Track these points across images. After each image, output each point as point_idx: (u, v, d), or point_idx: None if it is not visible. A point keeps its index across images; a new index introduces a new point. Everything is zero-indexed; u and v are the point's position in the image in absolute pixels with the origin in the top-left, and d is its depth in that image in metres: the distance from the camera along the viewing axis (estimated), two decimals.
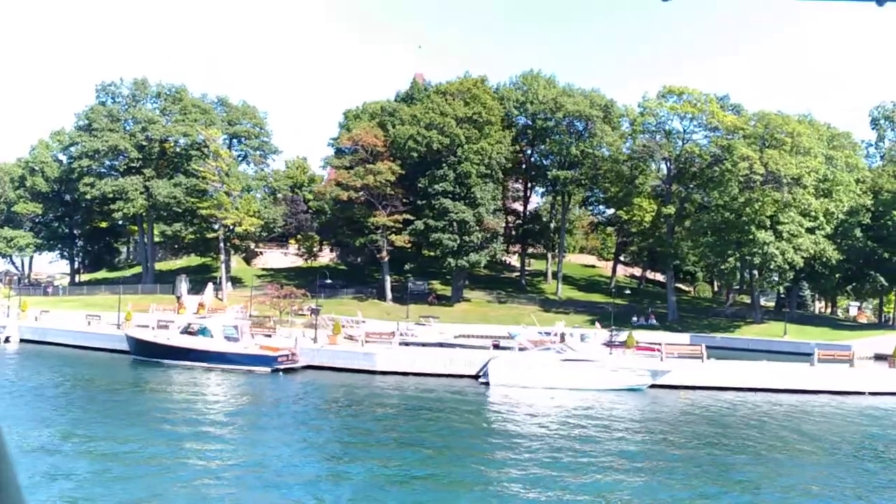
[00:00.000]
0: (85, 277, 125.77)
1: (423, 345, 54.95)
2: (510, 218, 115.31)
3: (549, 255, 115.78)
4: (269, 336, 53.25)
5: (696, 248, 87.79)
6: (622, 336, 71.18)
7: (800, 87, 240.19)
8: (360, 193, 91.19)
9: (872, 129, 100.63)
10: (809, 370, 45.47)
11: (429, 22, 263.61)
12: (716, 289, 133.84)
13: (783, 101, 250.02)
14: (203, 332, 46.21)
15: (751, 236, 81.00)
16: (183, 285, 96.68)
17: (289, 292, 72.80)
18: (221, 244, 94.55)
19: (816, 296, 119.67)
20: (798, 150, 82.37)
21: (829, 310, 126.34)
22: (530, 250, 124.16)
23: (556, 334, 62.15)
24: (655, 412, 36.85)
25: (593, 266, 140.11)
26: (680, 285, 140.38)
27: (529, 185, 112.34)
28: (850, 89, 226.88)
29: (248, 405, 36.20)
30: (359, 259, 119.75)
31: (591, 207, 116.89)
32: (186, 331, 46.97)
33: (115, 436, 27.58)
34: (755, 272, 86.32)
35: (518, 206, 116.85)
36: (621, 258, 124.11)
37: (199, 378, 42.58)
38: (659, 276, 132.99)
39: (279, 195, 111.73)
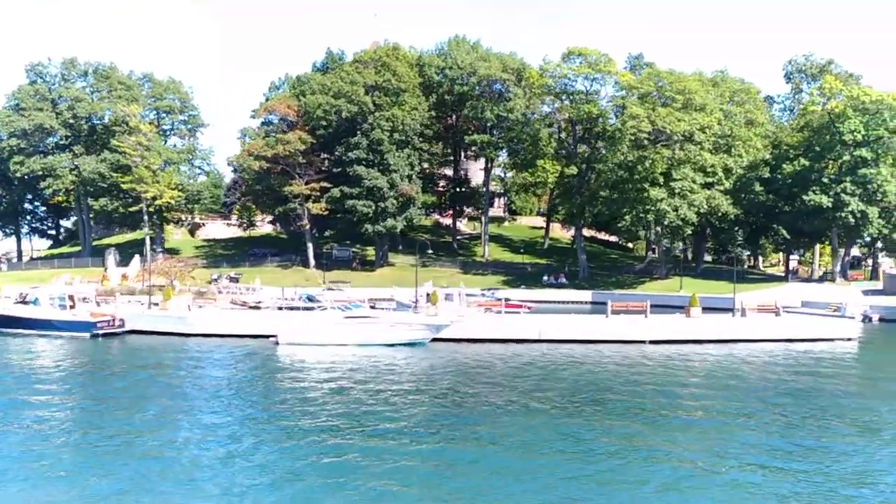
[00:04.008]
0: (44, 253, 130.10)
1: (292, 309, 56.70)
2: (442, 183, 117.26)
3: (483, 218, 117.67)
4: (110, 303, 55.89)
5: (596, 207, 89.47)
6: (499, 294, 73.83)
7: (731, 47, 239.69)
8: (275, 163, 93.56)
9: (787, 83, 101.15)
10: (602, 321, 47.62)
11: None
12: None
13: (711, 58, 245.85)
14: (34, 301, 49.20)
15: (645, 193, 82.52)
16: (110, 258, 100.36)
17: (177, 261, 75.63)
18: (146, 217, 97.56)
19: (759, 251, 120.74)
20: (693, 107, 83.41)
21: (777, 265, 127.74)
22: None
23: (423, 295, 64.76)
24: (417, 364, 39.01)
25: (541, 227, 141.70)
26: (629, 244, 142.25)
27: (457, 150, 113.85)
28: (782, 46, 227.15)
29: (41, 369, 38.79)
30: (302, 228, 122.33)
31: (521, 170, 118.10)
32: (21, 301, 49.97)
33: None
34: (659, 228, 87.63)
35: (449, 172, 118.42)
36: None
37: (20, 345, 45.44)
38: (602, 235, 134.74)
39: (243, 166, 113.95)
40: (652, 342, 45.57)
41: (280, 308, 58.20)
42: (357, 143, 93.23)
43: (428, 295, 52.81)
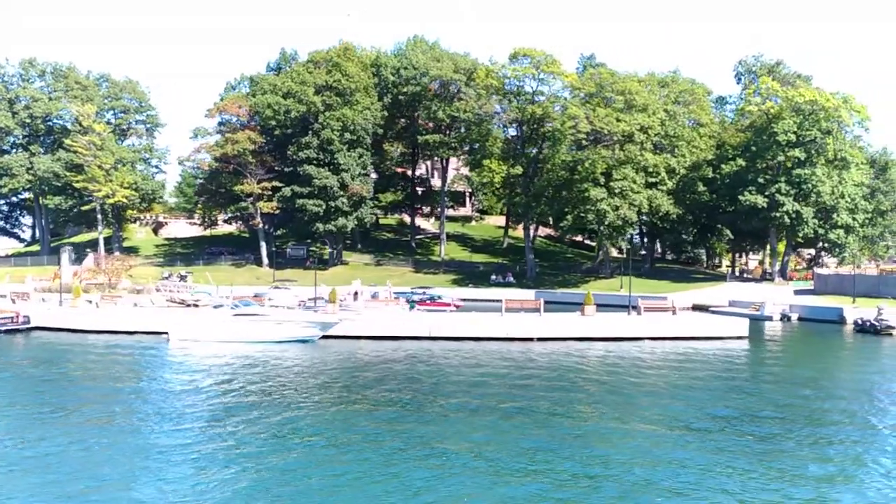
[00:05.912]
0: (12, 252, 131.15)
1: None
2: (402, 183, 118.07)
3: (443, 217, 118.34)
4: (25, 301, 56.94)
5: (539, 207, 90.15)
6: (434, 292, 74.67)
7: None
8: (226, 163, 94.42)
9: (738, 83, 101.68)
10: (494, 319, 48.33)
11: None
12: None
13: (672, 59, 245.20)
14: None
15: (586, 193, 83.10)
16: (65, 256, 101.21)
17: (112, 260, 76.52)
18: (99, 216, 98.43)
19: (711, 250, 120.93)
20: (636, 108, 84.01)
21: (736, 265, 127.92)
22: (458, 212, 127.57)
23: (352, 292, 65.72)
24: (295, 360, 39.68)
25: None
26: (592, 244, 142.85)
27: (415, 150, 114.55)
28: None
29: None
30: (267, 226, 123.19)
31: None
32: None
33: None
34: (601, 228, 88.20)
35: (411, 171, 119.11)
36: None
37: None
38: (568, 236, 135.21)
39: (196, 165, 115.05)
40: (540, 339, 46.32)
41: (216, 306, 59.22)
42: (307, 142, 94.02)
43: (356, 293, 53.83)
